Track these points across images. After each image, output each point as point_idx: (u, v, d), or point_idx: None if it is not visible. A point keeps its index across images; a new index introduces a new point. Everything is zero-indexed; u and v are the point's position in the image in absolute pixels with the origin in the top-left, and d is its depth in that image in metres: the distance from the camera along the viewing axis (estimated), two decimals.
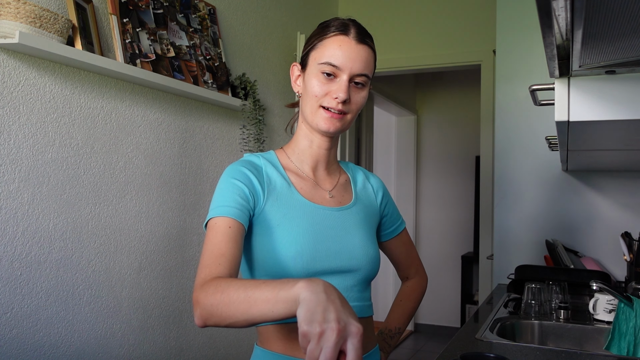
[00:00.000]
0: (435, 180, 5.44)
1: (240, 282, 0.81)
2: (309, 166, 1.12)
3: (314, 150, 1.12)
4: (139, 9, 1.88)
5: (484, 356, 0.97)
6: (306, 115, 1.08)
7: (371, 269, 1.09)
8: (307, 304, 0.68)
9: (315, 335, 0.65)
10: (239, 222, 0.97)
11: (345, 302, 0.71)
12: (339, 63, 1.02)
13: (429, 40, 3.38)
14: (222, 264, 0.90)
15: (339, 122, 1.05)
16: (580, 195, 2.30)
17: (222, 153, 2.34)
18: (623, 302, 1.40)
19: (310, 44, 1.08)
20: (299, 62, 1.12)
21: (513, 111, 2.42)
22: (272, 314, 0.74)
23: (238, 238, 0.95)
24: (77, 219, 1.66)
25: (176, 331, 2.05)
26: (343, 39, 1.03)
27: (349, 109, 1.05)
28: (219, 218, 0.96)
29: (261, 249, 1.01)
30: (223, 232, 0.94)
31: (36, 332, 1.53)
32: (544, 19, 0.63)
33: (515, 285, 1.97)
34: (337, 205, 1.10)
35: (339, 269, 1.04)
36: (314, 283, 0.72)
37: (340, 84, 1.02)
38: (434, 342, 4.99)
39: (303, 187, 1.09)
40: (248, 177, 1.03)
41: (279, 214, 1.02)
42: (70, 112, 1.65)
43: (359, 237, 1.08)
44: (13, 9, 1.40)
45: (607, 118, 0.87)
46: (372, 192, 1.21)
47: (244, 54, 2.52)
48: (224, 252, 0.92)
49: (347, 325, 0.66)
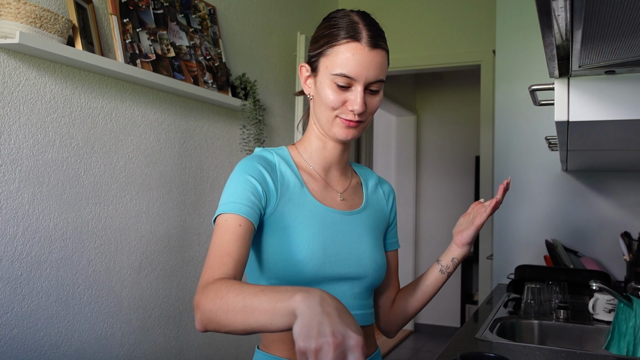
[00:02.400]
0: (435, 180, 5.44)
1: (240, 289, 0.79)
2: (321, 166, 1.10)
3: (328, 152, 1.09)
4: (139, 9, 1.88)
5: (484, 356, 0.97)
6: (322, 123, 1.05)
7: (378, 277, 1.08)
8: (303, 318, 0.66)
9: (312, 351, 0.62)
10: (249, 220, 0.94)
11: (344, 311, 0.68)
12: (353, 74, 0.98)
13: (429, 40, 3.38)
14: (227, 264, 0.88)
15: (356, 130, 1.03)
16: (580, 195, 2.30)
17: (222, 153, 2.34)
18: (623, 302, 1.40)
19: (319, 47, 1.03)
20: (306, 62, 1.07)
21: (513, 111, 2.42)
22: (270, 326, 0.72)
23: (247, 237, 0.93)
24: (77, 219, 1.67)
25: (176, 331, 2.05)
26: (355, 47, 0.98)
27: (364, 116, 1.03)
28: (229, 215, 0.94)
29: (271, 250, 1.00)
30: (232, 231, 0.92)
31: (36, 332, 1.54)
32: (543, 19, 0.63)
33: (515, 285, 1.97)
34: (347, 208, 1.09)
35: (347, 275, 1.03)
36: (311, 295, 0.69)
37: (356, 96, 0.99)
38: (434, 342, 5.00)
39: (315, 187, 1.07)
40: (262, 175, 1.00)
41: (291, 215, 1.00)
42: (71, 112, 1.65)
43: (367, 243, 1.07)
44: (13, 9, 1.40)
45: (607, 118, 0.87)
46: (383, 198, 1.20)
47: (244, 54, 2.52)
48: (231, 251, 0.90)
49: (345, 339, 0.63)
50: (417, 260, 5.37)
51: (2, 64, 1.45)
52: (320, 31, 1.04)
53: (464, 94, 5.32)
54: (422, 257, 5.40)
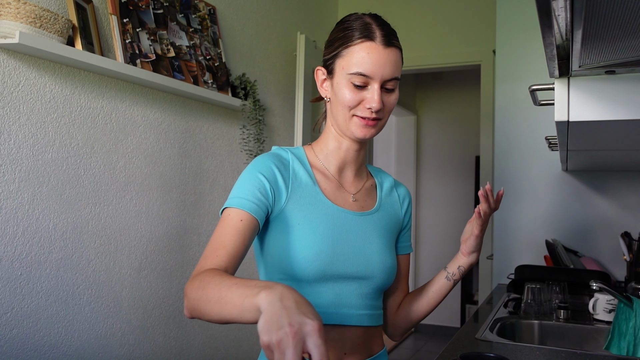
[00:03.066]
0: (435, 180, 5.44)
1: (219, 280, 0.82)
2: (335, 167, 1.11)
3: (343, 152, 1.11)
4: (139, 9, 1.88)
5: (484, 356, 0.97)
6: (339, 123, 1.06)
7: (387, 278, 1.08)
8: (265, 314, 0.69)
9: (275, 344, 0.65)
10: (252, 216, 0.96)
11: (303, 302, 0.71)
12: (369, 72, 1.00)
13: (429, 40, 3.38)
14: (220, 256, 0.91)
15: (374, 128, 1.05)
16: (580, 195, 2.30)
17: (222, 153, 2.34)
18: (623, 302, 1.40)
19: (334, 49, 1.05)
20: (323, 66, 1.09)
21: (513, 111, 2.41)
22: (241, 319, 0.76)
23: (247, 233, 0.95)
24: (77, 219, 1.67)
25: (176, 331, 2.05)
26: (370, 46, 1.00)
27: (382, 114, 1.04)
28: (233, 209, 0.97)
29: (278, 247, 1.01)
30: (232, 225, 0.95)
31: (36, 332, 1.54)
32: (543, 19, 0.63)
33: (515, 285, 1.97)
34: (359, 209, 1.10)
35: (354, 274, 1.03)
36: (272, 291, 0.72)
37: (373, 94, 1.01)
38: (434, 342, 5.00)
39: (327, 187, 1.08)
40: (273, 173, 1.02)
41: (301, 213, 1.02)
42: (70, 112, 1.65)
43: (376, 244, 1.07)
44: (13, 9, 1.40)
45: (607, 118, 0.87)
46: (398, 201, 1.21)
47: (244, 54, 2.52)
48: (226, 244, 0.92)
49: (301, 326, 0.66)
50: (417, 260, 5.37)
51: (2, 64, 1.45)
52: (334, 35, 1.07)
53: (464, 94, 5.32)
54: (422, 257, 5.40)
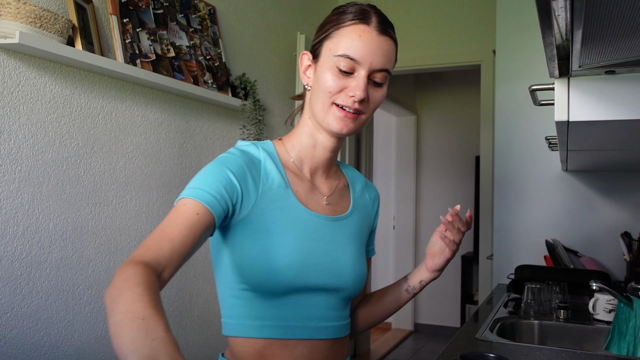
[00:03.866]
0: (435, 180, 5.44)
1: (136, 298, 0.69)
2: (308, 166, 1.02)
3: (317, 152, 1.01)
4: (139, 9, 1.88)
5: (484, 356, 0.97)
6: (316, 112, 0.96)
7: (357, 288, 1.01)
8: None
9: None
10: (211, 213, 0.85)
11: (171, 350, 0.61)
12: (358, 56, 0.91)
13: (429, 40, 3.38)
14: (164, 250, 0.78)
15: (353, 122, 0.94)
16: (580, 195, 2.30)
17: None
18: (623, 302, 1.40)
19: (324, 31, 0.96)
20: (310, 50, 1.00)
21: (513, 111, 2.42)
22: None
23: (200, 230, 0.83)
24: (77, 219, 1.67)
25: (176, 331, 2.05)
26: (363, 29, 0.92)
27: (365, 108, 0.94)
28: (190, 200, 0.84)
29: (242, 255, 0.92)
30: (186, 217, 0.82)
31: (36, 332, 1.54)
32: (543, 19, 0.63)
33: (515, 285, 1.97)
34: (332, 213, 1.02)
35: (325, 286, 0.96)
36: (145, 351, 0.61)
37: (358, 81, 0.92)
38: (434, 342, 5.00)
39: (299, 189, 0.99)
40: (244, 172, 0.92)
41: (270, 218, 0.93)
42: (70, 112, 1.65)
43: (349, 253, 1.00)
44: (13, 9, 1.40)
45: (607, 118, 0.87)
46: (369, 202, 1.13)
47: (244, 54, 2.52)
48: (174, 237, 0.80)
49: None
50: (417, 260, 5.37)
51: (2, 64, 1.45)
52: (327, 19, 0.98)
53: (464, 94, 5.32)
54: (421, 257, 5.40)
